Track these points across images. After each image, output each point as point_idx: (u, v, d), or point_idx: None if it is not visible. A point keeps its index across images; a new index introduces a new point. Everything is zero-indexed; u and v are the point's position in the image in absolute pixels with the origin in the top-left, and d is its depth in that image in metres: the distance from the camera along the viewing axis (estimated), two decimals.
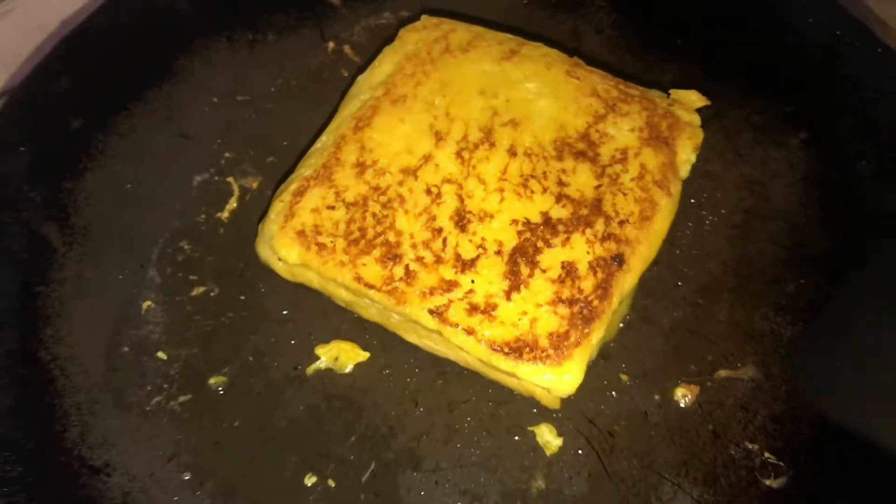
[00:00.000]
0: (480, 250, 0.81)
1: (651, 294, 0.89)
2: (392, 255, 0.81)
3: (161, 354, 0.87)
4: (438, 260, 0.80)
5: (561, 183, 0.84)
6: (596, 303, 0.78)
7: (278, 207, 0.85)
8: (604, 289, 0.79)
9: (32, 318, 0.88)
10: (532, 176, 0.84)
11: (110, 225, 0.95)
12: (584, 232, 0.81)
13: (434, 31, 0.95)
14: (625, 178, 0.84)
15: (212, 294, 0.91)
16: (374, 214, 0.83)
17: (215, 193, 0.97)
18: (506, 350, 0.77)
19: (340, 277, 0.81)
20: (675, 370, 0.85)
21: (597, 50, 1.05)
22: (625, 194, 0.83)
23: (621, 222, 0.82)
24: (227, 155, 0.99)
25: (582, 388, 0.82)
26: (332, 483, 0.81)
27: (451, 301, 0.79)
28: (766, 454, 0.80)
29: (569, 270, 0.79)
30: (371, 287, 0.80)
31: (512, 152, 0.85)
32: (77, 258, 0.93)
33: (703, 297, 0.89)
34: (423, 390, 0.86)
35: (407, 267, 0.80)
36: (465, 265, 0.80)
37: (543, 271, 0.79)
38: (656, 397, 0.84)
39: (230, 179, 0.98)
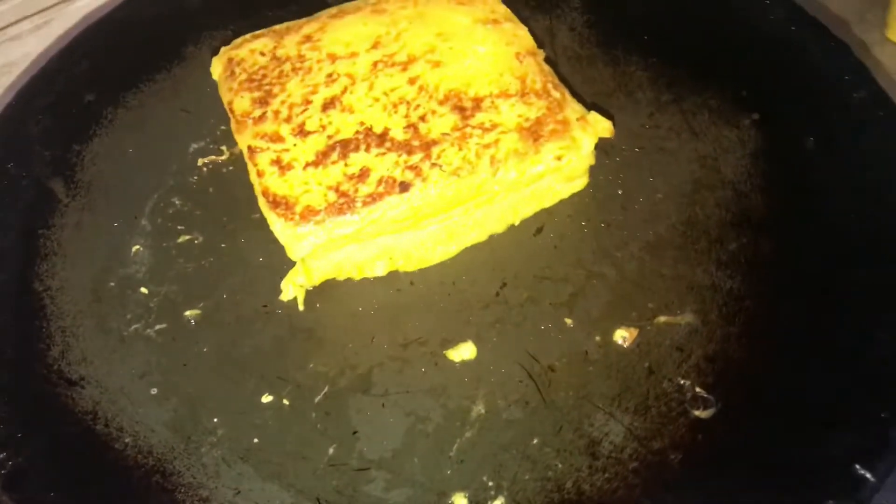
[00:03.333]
0: (320, 130, 0.93)
1: (599, 252, 0.95)
2: (262, 100, 0.96)
3: (143, 290, 0.95)
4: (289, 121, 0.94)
5: (423, 118, 0.93)
6: (359, 205, 0.88)
7: (238, 40, 1.04)
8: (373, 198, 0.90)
9: (32, 255, 0.97)
10: (406, 102, 0.95)
11: (111, 182, 1.04)
12: (400, 155, 0.91)
13: None
14: (472, 141, 0.91)
15: (196, 242, 0.99)
16: (281, 71, 0.98)
17: (209, 158, 1.06)
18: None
19: (223, 97, 0.99)
20: (618, 316, 0.90)
21: (568, 45, 1.14)
22: (459, 149, 0.91)
23: (433, 165, 0.90)
24: (222, 128, 1.08)
25: (526, 329, 0.88)
26: (286, 402, 0.86)
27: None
28: (697, 388, 0.84)
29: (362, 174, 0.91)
30: (231, 112, 0.96)
31: (411, 82, 0.96)
32: (78, 208, 1.02)
33: (649, 255, 0.94)
34: (379, 327, 0.91)
35: (265, 112, 0.95)
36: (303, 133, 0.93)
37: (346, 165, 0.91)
38: (597, 339, 0.89)
39: (223, 147, 1.07)
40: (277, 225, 0.87)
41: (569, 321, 0.90)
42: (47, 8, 1.40)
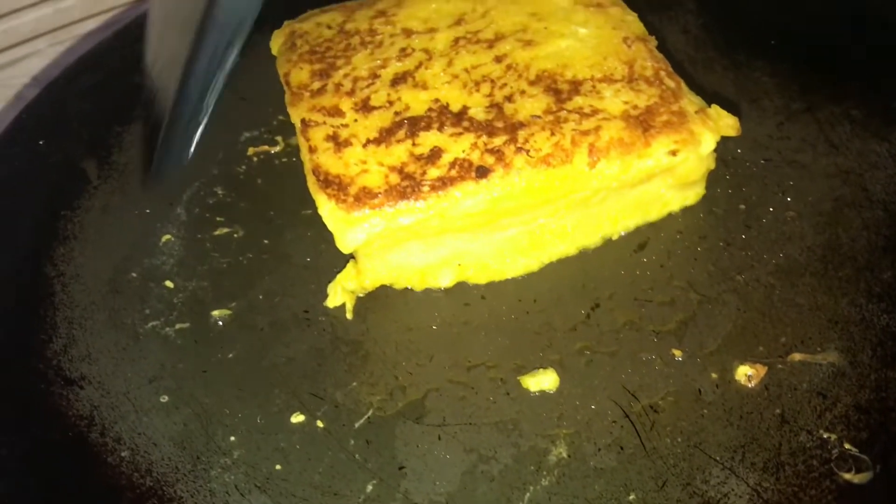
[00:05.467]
0: (387, 105, 0.80)
1: (717, 275, 0.77)
2: (323, 72, 0.84)
3: (168, 283, 0.81)
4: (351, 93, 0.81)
5: (511, 98, 0.79)
6: (427, 189, 0.73)
7: (304, 14, 0.93)
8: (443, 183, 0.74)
9: (50, 237, 0.85)
10: (491, 80, 0.80)
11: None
12: (480, 136, 0.76)
13: None
14: (566, 126, 0.76)
15: (235, 235, 0.85)
16: (348, 44, 0.86)
17: (260, 148, 0.93)
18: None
19: (280, 69, 0.86)
20: (740, 350, 0.72)
21: (681, 48, 0.99)
22: (551, 135, 0.75)
23: (519, 149, 0.74)
24: (279, 118, 0.96)
25: (622, 359, 0.71)
26: (320, 424, 0.70)
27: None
28: (847, 445, 0.65)
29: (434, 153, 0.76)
30: (287, 84, 0.84)
31: (497, 60, 0.82)
32: (108, 191, 0.90)
33: (779, 280, 0.76)
34: (440, 346, 0.75)
35: (325, 85, 0.82)
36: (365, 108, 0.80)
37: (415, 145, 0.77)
38: (713, 375, 0.70)
39: (278, 138, 0.94)
40: (326, 208, 0.72)
41: (677, 353, 0.72)
42: (115, 7, 1.32)
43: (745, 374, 0.70)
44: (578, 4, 0.88)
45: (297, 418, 0.71)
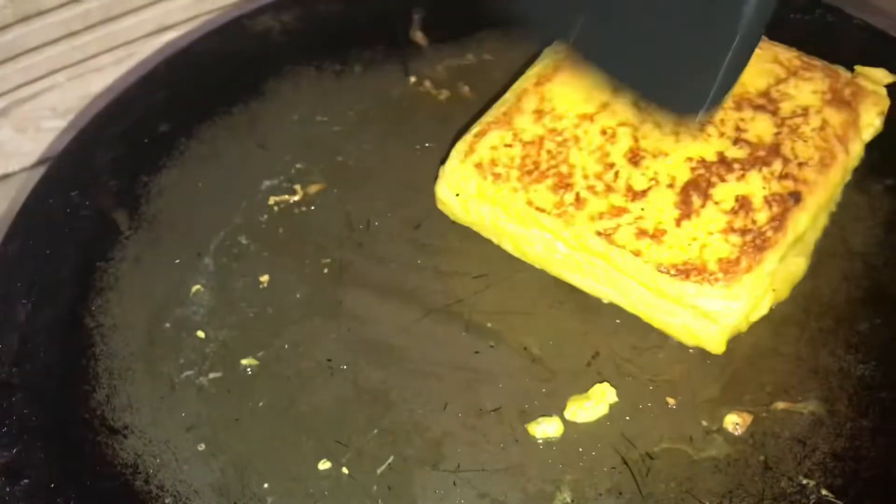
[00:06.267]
0: (652, 182, 0.82)
1: None
2: (564, 183, 0.83)
3: (200, 333, 0.87)
4: (609, 189, 0.82)
5: (739, 129, 0.84)
6: (770, 233, 0.77)
7: (459, 147, 0.89)
8: (779, 221, 0.78)
9: (87, 289, 0.91)
10: (709, 122, 0.85)
11: (177, 216, 0.97)
12: (760, 170, 0.81)
13: None
14: (805, 128, 0.84)
15: (260, 286, 0.91)
16: (548, 151, 0.86)
17: (281, 197, 0.99)
18: (672, 272, 0.77)
19: (513, 203, 0.84)
20: (728, 398, 0.79)
21: None
22: (805, 141, 0.83)
23: (800, 164, 0.81)
24: (297, 166, 1.02)
25: (624, 409, 0.78)
26: (345, 471, 0.77)
27: (619, 225, 0.80)
28: (824, 491, 0.72)
29: (742, 203, 0.79)
30: (541, 211, 0.83)
31: None
32: (140, 242, 0.95)
33: (766, 330, 0.83)
34: (452, 394, 0.81)
35: (577, 195, 0.82)
36: (636, 195, 0.81)
37: (716, 203, 0.80)
38: (704, 423, 0.77)
39: (297, 186, 1.00)
40: (713, 299, 0.76)
41: (671, 401, 0.79)
42: (131, 41, 1.37)
43: (733, 422, 0.77)
44: None
45: (324, 465, 0.77)
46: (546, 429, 0.78)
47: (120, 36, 1.35)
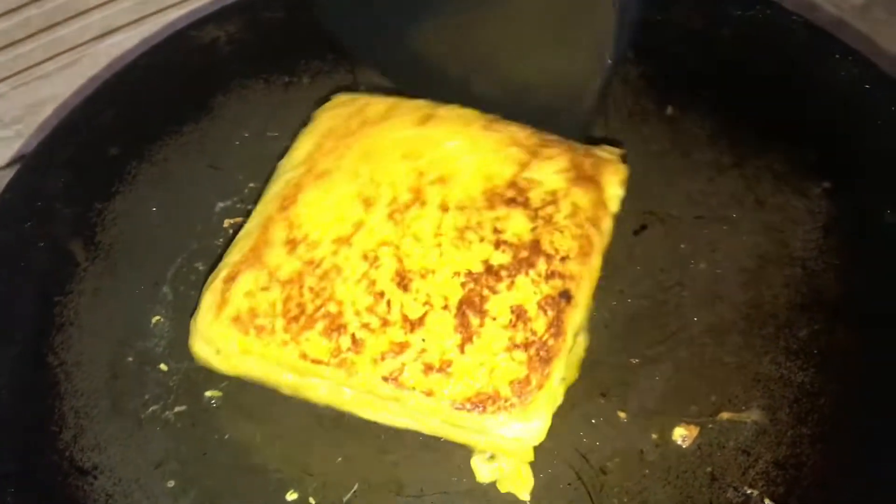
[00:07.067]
0: (427, 307, 0.79)
1: (656, 334, 0.87)
2: (336, 325, 0.79)
3: (163, 366, 0.89)
4: (385, 323, 0.78)
5: (497, 230, 0.83)
6: (551, 342, 0.77)
7: (209, 299, 0.83)
8: (556, 326, 0.78)
9: (47, 325, 0.91)
10: (467, 227, 0.83)
11: (133, 244, 0.98)
12: (527, 273, 0.80)
13: (349, 106, 0.95)
14: (558, 217, 0.83)
15: None
16: (311, 289, 0.80)
17: (235, 219, 0.99)
18: (468, 407, 0.76)
19: (285, 357, 0.79)
20: (676, 410, 0.82)
21: (620, 99, 1.06)
22: (561, 232, 0.82)
23: (563, 258, 0.81)
24: (251, 185, 1.02)
25: (577, 423, 0.81)
26: (312, 501, 0.80)
27: (403, 364, 0.77)
28: (767, 500, 0.76)
29: (518, 314, 0.78)
30: (318, 363, 0.78)
31: (444, 208, 0.84)
32: (97, 273, 0.96)
33: (710, 339, 0.86)
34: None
35: (353, 336, 0.78)
36: (414, 324, 0.78)
37: (494, 318, 0.78)
38: (654, 436, 0.81)
39: (250, 207, 1.00)
40: (513, 426, 0.76)
41: (622, 414, 0.82)
42: (75, 47, 1.35)
43: (681, 434, 0.80)
44: (420, 126, 0.91)
45: (292, 496, 0.80)
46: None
47: (64, 42, 1.33)
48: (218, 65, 1.12)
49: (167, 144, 1.06)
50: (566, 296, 0.79)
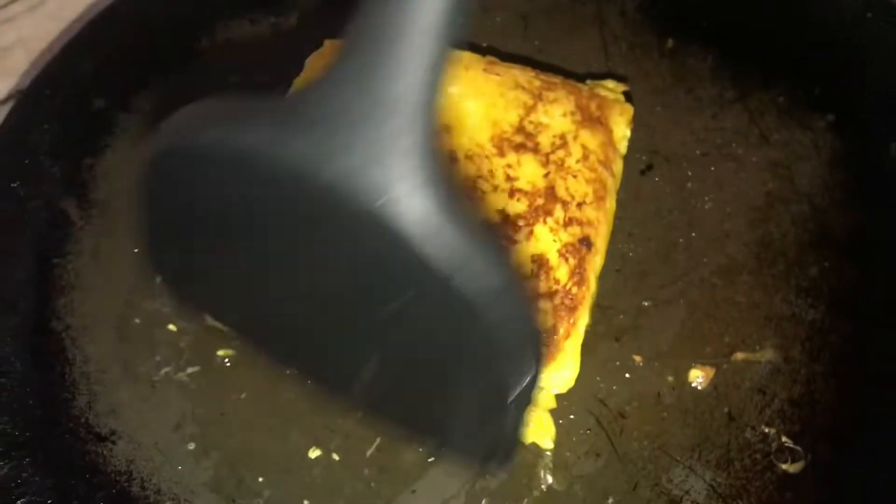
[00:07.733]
0: None
1: (667, 276, 0.87)
2: None
3: (172, 327, 0.87)
4: None
5: (509, 178, 0.82)
6: (575, 290, 0.77)
7: None
8: (579, 274, 0.78)
9: (48, 288, 0.89)
10: (479, 176, 0.82)
11: (128, 200, 0.95)
12: (545, 221, 0.80)
13: None
14: (570, 161, 0.83)
15: None
16: None
17: None
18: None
19: None
20: (691, 352, 0.83)
21: (619, 33, 1.04)
22: (575, 177, 0.82)
23: (579, 204, 0.81)
24: None
25: (593, 369, 0.81)
26: (336, 457, 0.80)
27: None
28: (784, 438, 0.78)
29: (541, 263, 0.78)
30: None
31: (452, 158, 0.83)
32: (94, 232, 0.93)
33: (721, 279, 0.87)
34: None
35: None
36: None
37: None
38: (670, 378, 0.82)
39: None
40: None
41: (637, 358, 0.83)
42: None
43: (697, 376, 0.82)
44: None
45: (315, 453, 0.80)
46: None
47: None
48: (200, 6, 1.08)
49: (154, 94, 1.02)
50: (586, 242, 0.79)
